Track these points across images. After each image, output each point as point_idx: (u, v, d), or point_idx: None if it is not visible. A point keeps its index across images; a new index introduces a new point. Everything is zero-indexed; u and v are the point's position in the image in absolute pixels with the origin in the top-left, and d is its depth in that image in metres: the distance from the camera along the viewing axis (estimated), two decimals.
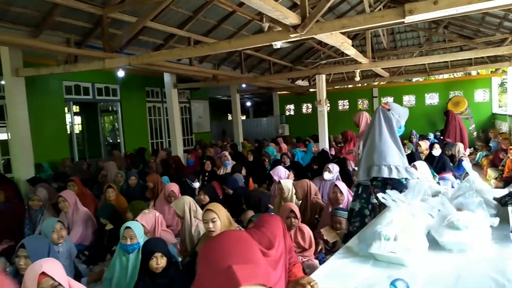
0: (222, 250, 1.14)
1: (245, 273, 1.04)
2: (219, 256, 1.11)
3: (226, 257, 1.10)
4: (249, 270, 1.07)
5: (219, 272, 1.07)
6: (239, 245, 1.17)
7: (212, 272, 1.10)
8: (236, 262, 1.08)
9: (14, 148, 5.92)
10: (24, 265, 2.50)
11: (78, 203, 4.31)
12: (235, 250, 1.14)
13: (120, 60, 5.24)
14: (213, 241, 1.21)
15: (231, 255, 1.11)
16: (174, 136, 9.25)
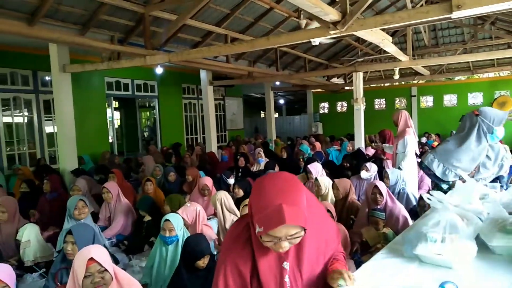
0: (276, 187, 1.27)
1: (291, 214, 1.19)
2: (273, 193, 1.25)
3: (278, 195, 1.24)
4: (295, 211, 1.22)
5: (270, 207, 1.21)
6: (291, 186, 1.29)
7: (263, 205, 1.24)
8: (286, 202, 1.22)
9: (60, 141, 6.24)
10: (71, 250, 2.63)
11: (121, 194, 4.49)
12: (287, 190, 1.26)
13: (161, 57, 5.37)
14: (269, 178, 1.33)
15: (283, 194, 1.24)
16: (208, 132, 9.39)
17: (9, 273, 2.03)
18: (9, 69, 7.28)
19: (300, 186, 1.33)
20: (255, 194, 1.31)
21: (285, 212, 1.20)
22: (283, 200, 1.23)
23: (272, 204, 1.22)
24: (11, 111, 7.50)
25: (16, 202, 3.99)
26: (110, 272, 2.01)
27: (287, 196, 1.25)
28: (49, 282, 2.74)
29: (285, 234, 1.23)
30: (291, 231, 1.23)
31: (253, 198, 1.32)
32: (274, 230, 1.22)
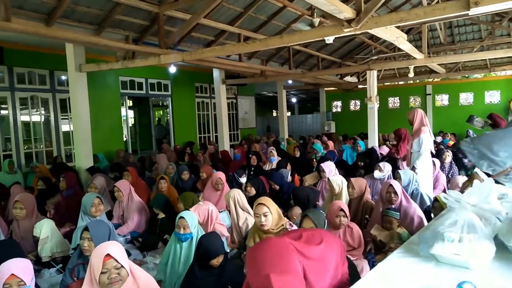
0: (264, 258, 1.24)
1: (280, 284, 1.15)
2: (260, 263, 1.22)
3: (266, 265, 1.21)
4: (285, 281, 1.17)
5: (259, 278, 1.19)
6: (280, 254, 1.25)
7: (253, 276, 1.23)
8: (274, 271, 1.18)
9: (76, 139, 6.35)
10: (88, 246, 2.68)
11: (133, 192, 4.53)
12: (275, 259, 1.23)
13: (174, 56, 5.42)
14: (257, 248, 1.31)
15: (271, 264, 1.21)
16: (221, 131, 9.43)
17: (25, 268, 2.05)
18: (27, 69, 7.44)
19: (290, 251, 1.28)
20: (249, 266, 1.30)
21: (273, 283, 1.16)
22: (271, 269, 1.19)
23: (261, 275, 1.19)
24: (29, 110, 7.66)
25: (34, 199, 4.08)
26: (126, 268, 2.04)
27: (275, 265, 1.21)
28: (66, 277, 2.79)
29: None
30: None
31: (247, 270, 1.31)
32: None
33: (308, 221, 2.31)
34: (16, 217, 3.77)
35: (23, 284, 1.97)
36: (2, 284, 1.97)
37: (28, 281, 2.00)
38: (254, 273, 1.25)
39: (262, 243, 1.33)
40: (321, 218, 2.35)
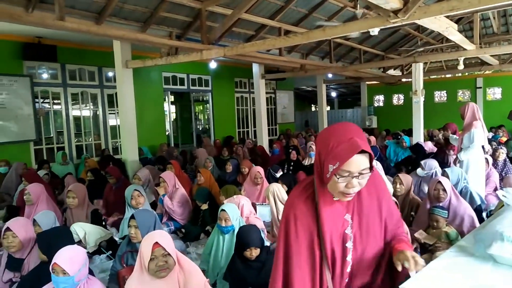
0: (346, 127, 1.38)
1: (363, 143, 1.30)
2: (343, 131, 1.35)
3: (347, 132, 1.34)
4: (365, 142, 1.33)
5: (342, 142, 1.31)
6: (358, 129, 1.40)
7: (334, 143, 1.32)
8: (357, 136, 1.33)
9: (123, 133, 6.62)
10: (134, 234, 2.80)
11: (178, 184, 4.67)
12: (355, 130, 1.37)
13: (216, 51, 5.49)
14: (335, 124, 1.45)
15: (353, 131, 1.35)
16: (260, 125, 9.45)
17: (70, 258, 2.12)
18: (77, 66, 7.85)
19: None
20: (324, 139, 1.38)
21: (358, 141, 1.30)
22: (354, 135, 1.33)
23: (345, 139, 1.31)
24: (79, 104, 8.09)
25: (85, 189, 4.31)
26: (173, 257, 2.12)
27: (356, 133, 1.35)
28: (116, 264, 2.94)
29: (357, 169, 1.30)
30: (362, 164, 1.30)
31: (321, 143, 1.38)
32: (349, 162, 1.28)
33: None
34: (69, 205, 4.01)
35: (67, 274, 2.07)
36: (51, 268, 2.11)
37: (72, 271, 2.07)
38: (335, 139, 1.33)
39: (341, 123, 1.45)
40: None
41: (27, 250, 2.87)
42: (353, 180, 1.30)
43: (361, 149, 1.28)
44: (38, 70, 7.27)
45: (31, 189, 4.03)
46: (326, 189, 1.39)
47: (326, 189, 1.39)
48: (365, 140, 1.34)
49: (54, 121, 7.98)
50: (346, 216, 1.44)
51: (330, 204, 1.42)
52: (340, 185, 1.32)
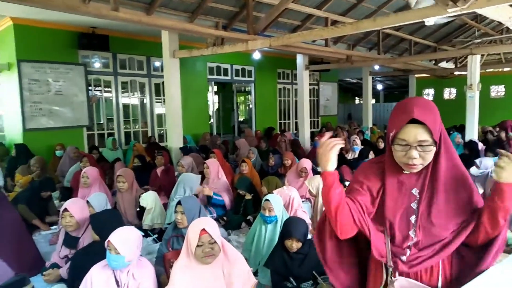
0: (414, 99, 1.38)
1: (420, 112, 1.31)
2: (409, 102, 1.37)
3: (413, 103, 1.34)
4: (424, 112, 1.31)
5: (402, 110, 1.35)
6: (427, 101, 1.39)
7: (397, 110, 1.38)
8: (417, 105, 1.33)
9: (168, 121, 6.82)
10: (181, 219, 2.88)
11: (221, 172, 4.74)
12: (421, 102, 1.36)
13: (262, 42, 5.47)
14: (410, 97, 1.49)
15: (417, 103, 1.34)
16: (302, 117, 9.35)
17: (124, 240, 2.23)
18: (128, 55, 8.16)
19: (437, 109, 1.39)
20: (393, 109, 1.42)
21: (414, 108, 1.30)
22: (415, 103, 1.33)
23: (405, 108, 1.34)
24: (128, 93, 8.42)
25: (133, 173, 4.50)
26: (219, 244, 2.16)
27: (420, 104, 1.34)
28: (162, 247, 3.05)
29: (414, 139, 1.30)
30: (420, 135, 1.30)
31: (391, 114, 1.43)
32: (404, 131, 1.31)
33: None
34: (120, 189, 4.20)
35: (119, 253, 2.18)
36: (106, 244, 2.23)
37: (123, 252, 2.18)
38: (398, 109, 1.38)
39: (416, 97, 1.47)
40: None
41: (82, 230, 3.05)
42: (412, 151, 1.30)
43: (414, 118, 1.28)
44: (91, 59, 7.64)
45: (89, 172, 4.27)
46: (395, 161, 1.38)
47: (395, 160, 1.39)
48: (428, 113, 1.31)
49: (105, 108, 8.37)
50: (413, 190, 1.41)
51: (397, 176, 1.42)
52: (399, 154, 1.34)
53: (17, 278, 1.95)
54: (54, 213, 4.38)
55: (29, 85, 6.69)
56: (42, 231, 4.08)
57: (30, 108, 6.72)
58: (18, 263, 3.02)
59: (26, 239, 3.28)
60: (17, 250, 3.08)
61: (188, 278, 2.14)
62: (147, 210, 3.79)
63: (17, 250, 3.09)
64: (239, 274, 2.22)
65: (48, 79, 6.93)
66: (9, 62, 6.78)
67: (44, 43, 6.83)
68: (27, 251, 3.20)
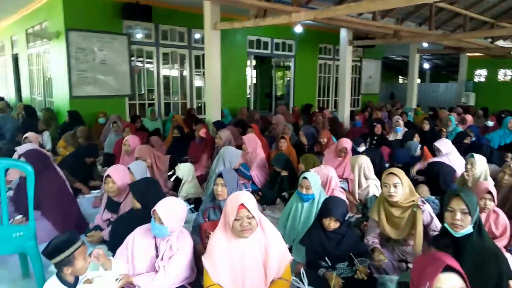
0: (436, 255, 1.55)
1: (450, 260, 1.47)
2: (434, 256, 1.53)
3: (438, 256, 1.52)
4: (453, 261, 1.49)
5: (430, 262, 1.48)
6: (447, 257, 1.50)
7: (423, 263, 1.50)
8: (444, 257, 1.51)
9: (207, 94, 6.82)
10: (221, 191, 2.89)
11: (259, 148, 4.72)
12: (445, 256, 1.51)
13: (306, 14, 5.25)
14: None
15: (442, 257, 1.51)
16: (343, 95, 9.06)
17: (168, 211, 2.27)
18: (169, 26, 8.17)
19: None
20: (415, 265, 1.56)
21: (444, 259, 1.43)
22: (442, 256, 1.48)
23: (432, 260, 1.47)
24: (169, 64, 8.49)
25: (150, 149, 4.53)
26: (256, 219, 2.14)
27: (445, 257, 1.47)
28: (199, 217, 3.09)
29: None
30: (454, 282, 1.39)
31: (414, 269, 1.54)
32: (439, 280, 1.38)
33: (459, 202, 2.02)
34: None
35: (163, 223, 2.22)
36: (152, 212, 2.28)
37: (167, 222, 2.22)
38: (425, 260, 1.51)
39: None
40: (475, 200, 2.04)
41: (123, 195, 3.15)
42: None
43: (447, 265, 1.38)
44: (134, 30, 7.72)
45: (130, 140, 4.39)
46: None
47: None
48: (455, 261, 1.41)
49: (146, 78, 8.51)
50: None
51: None
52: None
53: (69, 235, 2.04)
54: (98, 178, 4.57)
55: (76, 53, 6.90)
56: (86, 195, 4.29)
57: (76, 76, 6.96)
58: (63, 224, 3.19)
59: (71, 201, 3.45)
60: (62, 212, 3.26)
61: (225, 250, 2.15)
62: (183, 181, 3.85)
63: (63, 211, 3.27)
64: (275, 250, 2.21)
65: (94, 48, 7.11)
66: (58, 30, 6.99)
67: (91, 12, 6.97)
68: (72, 213, 3.37)
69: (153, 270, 2.29)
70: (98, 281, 2.05)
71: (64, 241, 2.00)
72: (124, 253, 2.32)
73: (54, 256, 1.97)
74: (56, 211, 3.20)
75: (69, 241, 2.00)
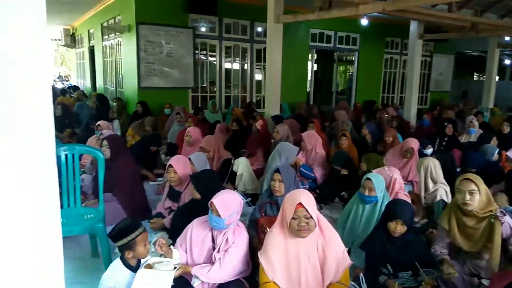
0: None
1: None
2: None
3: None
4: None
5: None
6: None
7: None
8: None
9: (267, 88, 6.80)
10: (278, 187, 2.85)
11: (318, 146, 4.60)
12: None
13: (374, 6, 5.00)
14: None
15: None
16: (410, 92, 8.55)
17: (225, 203, 2.27)
18: (233, 20, 8.26)
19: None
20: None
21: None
22: None
23: None
24: (231, 58, 8.60)
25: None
26: (314, 220, 2.06)
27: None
28: (255, 212, 3.09)
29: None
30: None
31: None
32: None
33: None
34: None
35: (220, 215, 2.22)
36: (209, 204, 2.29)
37: (224, 215, 2.22)
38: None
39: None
40: None
41: (184, 185, 3.24)
42: None
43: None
44: (199, 23, 7.91)
45: (192, 132, 4.51)
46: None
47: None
48: None
49: (208, 71, 8.71)
50: None
51: None
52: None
53: (132, 221, 2.15)
54: (161, 166, 4.78)
55: (145, 46, 7.24)
56: (150, 182, 4.49)
57: (144, 68, 7.31)
58: (130, 208, 3.37)
59: (140, 187, 3.64)
60: (131, 196, 3.44)
61: (281, 248, 2.11)
62: (238, 175, 3.87)
63: (132, 196, 3.45)
64: (334, 252, 2.12)
65: (161, 41, 7.41)
66: (130, 24, 7.39)
67: (160, 6, 7.26)
68: (139, 198, 3.55)
69: (210, 261, 2.32)
70: (158, 267, 2.12)
71: (127, 227, 2.10)
72: (183, 242, 2.37)
73: (118, 239, 2.08)
74: (127, 194, 3.39)
75: (131, 227, 2.10)
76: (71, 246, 2.96)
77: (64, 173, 2.66)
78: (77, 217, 2.70)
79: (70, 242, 2.96)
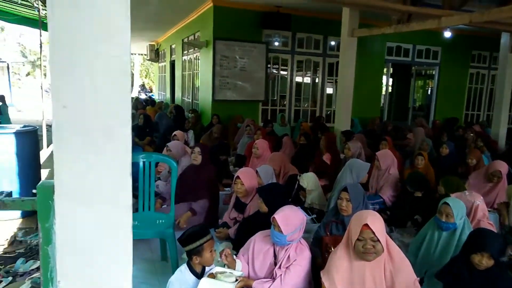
0: None
1: None
2: None
3: None
4: None
5: None
6: None
7: None
8: None
9: (339, 102, 6.67)
10: (345, 207, 2.75)
11: (393, 166, 4.35)
12: None
13: (459, 18, 4.65)
14: None
15: None
16: (499, 109, 7.75)
17: (289, 219, 2.27)
18: (306, 34, 8.29)
19: None
20: None
21: None
22: None
23: None
24: (303, 72, 8.61)
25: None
26: (382, 243, 1.95)
27: None
28: (320, 230, 3.01)
29: None
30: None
31: None
32: None
33: None
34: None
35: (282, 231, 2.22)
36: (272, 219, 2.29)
37: (286, 231, 2.22)
38: None
39: None
40: None
41: (250, 197, 3.29)
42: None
43: None
44: (273, 38, 8.07)
45: (259, 144, 4.58)
46: None
47: None
48: None
49: (279, 85, 8.81)
50: None
51: None
52: None
53: (200, 228, 2.25)
54: (229, 177, 4.90)
55: (220, 60, 7.58)
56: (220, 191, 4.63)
57: (219, 81, 7.64)
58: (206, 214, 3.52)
59: (216, 196, 3.79)
60: (213, 202, 3.62)
61: (345, 270, 2.02)
62: (308, 190, 3.81)
63: (213, 202, 3.63)
64: (403, 280, 1.98)
65: (236, 56, 7.69)
66: (207, 40, 7.81)
67: (235, 22, 7.56)
68: (213, 206, 3.68)
69: (271, 276, 2.31)
70: (221, 278, 2.16)
71: (197, 233, 2.19)
72: (245, 254, 2.40)
73: (187, 244, 2.18)
74: (210, 200, 3.58)
75: (200, 233, 2.18)
76: (143, 248, 3.15)
77: (141, 179, 2.86)
78: (150, 221, 2.88)
79: (142, 244, 3.16)
